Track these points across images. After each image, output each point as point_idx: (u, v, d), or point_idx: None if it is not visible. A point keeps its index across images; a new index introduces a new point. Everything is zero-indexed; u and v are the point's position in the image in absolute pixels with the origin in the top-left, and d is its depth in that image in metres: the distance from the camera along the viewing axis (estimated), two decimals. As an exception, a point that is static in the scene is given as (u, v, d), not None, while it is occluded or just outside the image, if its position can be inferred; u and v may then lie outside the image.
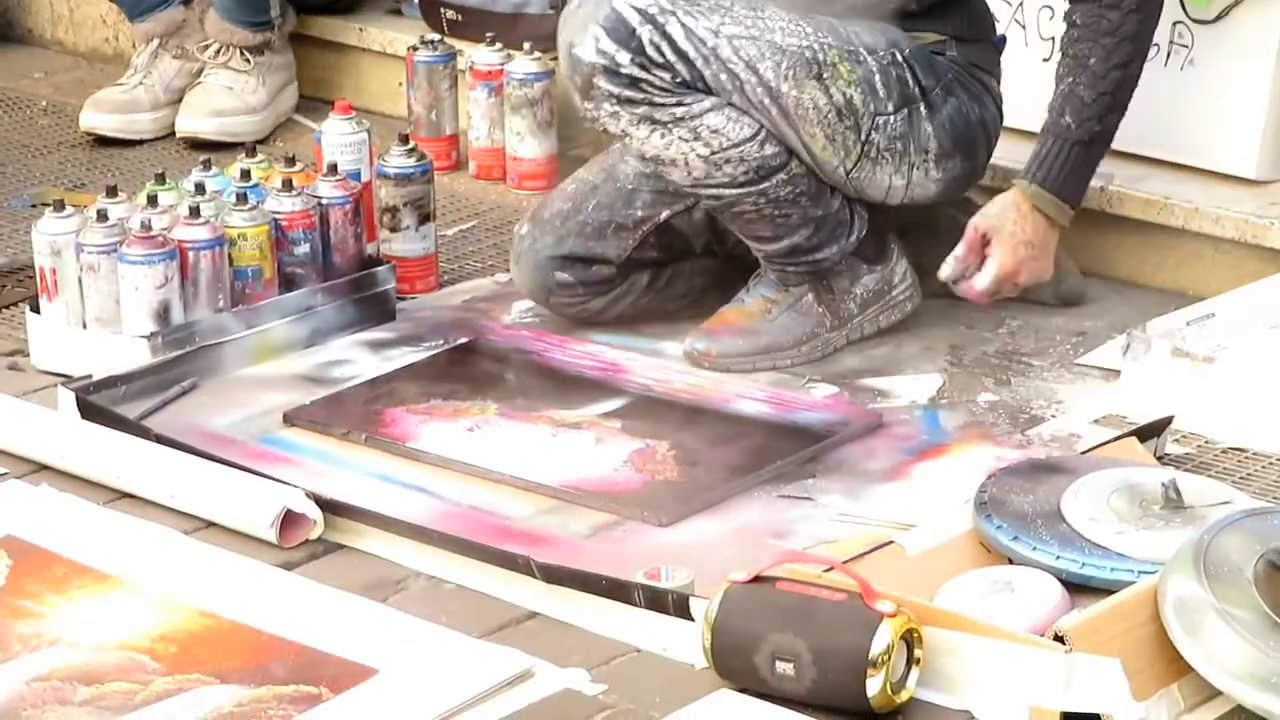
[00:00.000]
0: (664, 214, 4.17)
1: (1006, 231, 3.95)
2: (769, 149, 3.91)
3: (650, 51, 3.81)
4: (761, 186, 3.91)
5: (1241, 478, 3.67)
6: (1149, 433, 3.74)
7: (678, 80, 3.82)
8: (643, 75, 3.81)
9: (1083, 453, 3.68)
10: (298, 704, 3.16)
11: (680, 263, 4.23)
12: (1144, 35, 3.92)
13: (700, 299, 4.24)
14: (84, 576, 3.49)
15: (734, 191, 3.91)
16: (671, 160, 3.88)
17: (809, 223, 3.98)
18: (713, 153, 3.86)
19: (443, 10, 5.21)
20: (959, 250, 3.97)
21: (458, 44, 5.06)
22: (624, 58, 3.80)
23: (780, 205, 3.94)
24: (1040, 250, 3.96)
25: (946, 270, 3.98)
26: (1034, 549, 3.33)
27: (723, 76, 3.84)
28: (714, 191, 3.92)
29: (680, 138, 3.84)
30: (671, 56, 3.82)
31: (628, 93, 3.82)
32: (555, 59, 4.90)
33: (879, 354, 4.12)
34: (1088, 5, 3.88)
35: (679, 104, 3.84)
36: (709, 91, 3.85)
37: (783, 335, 4.06)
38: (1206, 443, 3.79)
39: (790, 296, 4.07)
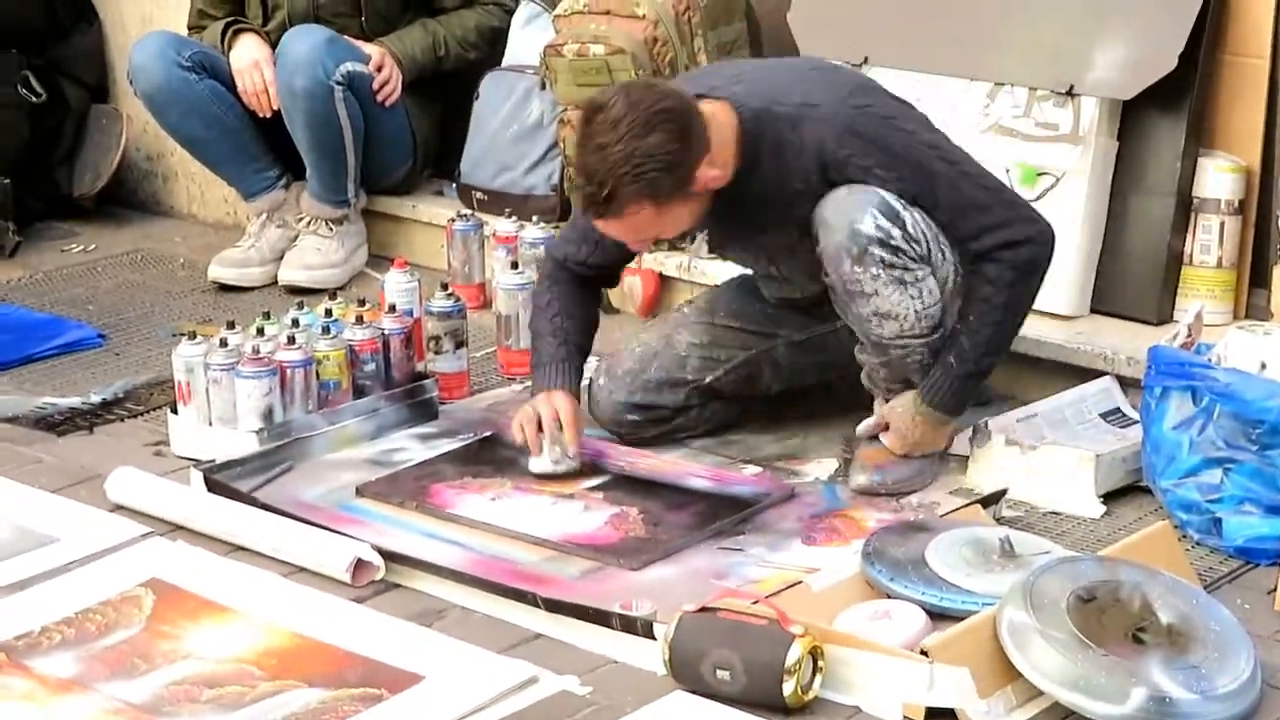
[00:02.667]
0: (708, 378, 4.07)
1: (898, 430, 3.81)
2: (942, 311, 3.75)
3: (910, 229, 3.65)
4: (931, 339, 3.73)
5: (1057, 534, 3.66)
6: (989, 501, 3.74)
7: (920, 253, 3.67)
8: (904, 246, 3.64)
9: (941, 516, 3.68)
10: (365, 702, 3.15)
11: (711, 405, 4.12)
12: (1015, 306, 3.74)
13: (722, 431, 4.14)
14: (209, 608, 3.48)
15: (917, 341, 3.72)
16: (896, 315, 3.69)
17: (925, 369, 3.79)
18: (924, 308, 3.69)
19: (473, 192, 5.22)
20: (870, 421, 3.84)
21: (484, 217, 5.06)
22: (897, 234, 3.63)
23: (932, 354, 3.76)
24: (926, 442, 3.82)
25: (860, 430, 3.86)
26: (905, 587, 3.32)
27: (935, 253, 3.70)
28: (905, 341, 3.73)
29: (911, 295, 3.67)
30: (917, 235, 3.66)
31: (891, 258, 3.63)
32: (557, 226, 4.94)
33: (792, 443, 4.09)
34: (971, 277, 3.73)
35: (919, 269, 3.67)
36: (928, 263, 3.71)
37: (919, 462, 3.87)
38: (1031, 508, 3.78)
39: None
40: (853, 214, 3.63)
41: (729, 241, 3.98)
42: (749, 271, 4.14)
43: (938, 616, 3.25)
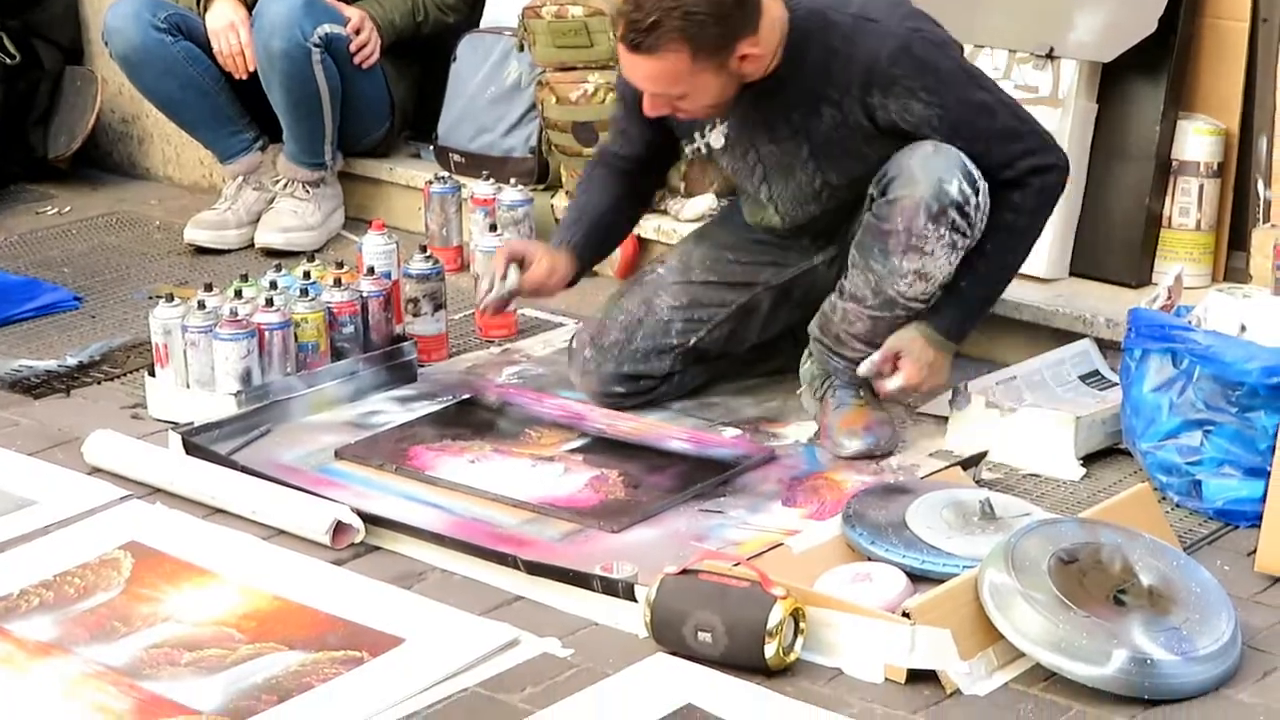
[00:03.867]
0: (693, 339, 4.04)
1: (912, 355, 3.78)
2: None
3: (981, 200, 3.66)
4: (925, 306, 3.75)
5: (1037, 496, 3.66)
6: (970, 463, 3.74)
7: (978, 224, 3.67)
8: (973, 216, 3.65)
9: (922, 478, 3.68)
10: (346, 665, 3.14)
11: (692, 369, 4.11)
12: (1032, 233, 3.76)
13: (702, 393, 4.13)
14: (188, 571, 3.47)
15: (917, 305, 3.73)
16: (929, 276, 3.69)
17: (893, 329, 3.79)
18: (945, 278, 3.70)
19: (450, 155, 5.20)
20: (876, 357, 3.79)
21: (462, 179, 5.04)
22: (973, 201, 3.64)
23: (910, 319, 3.76)
24: (936, 370, 3.80)
25: (864, 369, 3.82)
26: (886, 550, 3.32)
27: (980, 227, 3.70)
28: (913, 305, 3.73)
29: (950, 262, 3.67)
30: (984, 205, 3.67)
31: (962, 223, 3.64)
32: (535, 189, 4.93)
33: (773, 405, 4.08)
34: (995, 210, 3.71)
35: (970, 241, 3.68)
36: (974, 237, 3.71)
37: (893, 422, 3.89)
38: (1011, 470, 3.79)
39: (866, 395, 3.87)
40: (941, 173, 3.63)
41: (737, 143, 3.88)
42: (720, 205, 4.14)
43: (918, 579, 3.25)
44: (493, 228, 4.61)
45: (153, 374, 4.14)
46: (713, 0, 3.52)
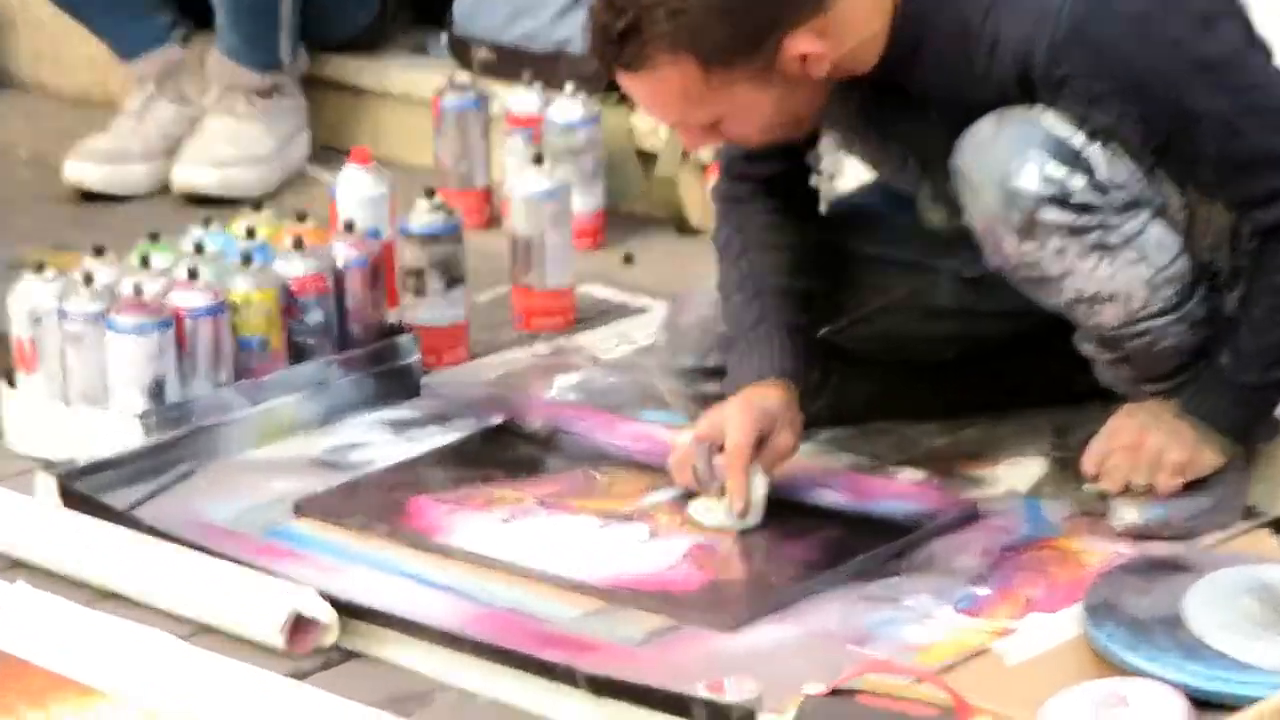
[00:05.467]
0: (824, 330, 4.00)
1: (1121, 434, 3.77)
2: (1189, 263, 3.68)
3: (1101, 174, 3.56)
4: (1187, 308, 3.67)
5: (1391, 576, 3.62)
6: (1284, 524, 3.72)
7: (1125, 200, 3.58)
8: (1093, 200, 3.57)
9: (1205, 547, 3.66)
10: (308, 837, 3.13)
11: (832, 380, 4.05)
12: None
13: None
14: (63, 689, 3.45)
15: (1161, 320, 3.66)
16: (1114, 294, 3.62)
17: (1195, 352, 3.73)
18: (1155, 272, 3.62)
19: (474, 49, 5.21)
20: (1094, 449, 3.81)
21: (491, 86, 5.04)
22: (1079, 182, 3.56)
23: (1198, 326, 3.69)
24: (1174, 453, 3.72)
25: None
26: (1152, 659, 3.29)
27: (1145, 192, 3.62)
28: (1143, 326, 3.66)
29: (1128, 260, 3.60)
30: (1115, 177, 3.58)
31: (1078, 220, 3.56)
32: (605, 100, 4.92)
33: (971, 434, 4.09)
34: (1257, 256, 3.65)
35: (1131, 220, 3.60)
36: (1141, 206, 3.63)
37: (1220, 488, 3.80)
38: (1351, 536, 3.76)
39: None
40: (1006, 165, 3.56)
41: (858, 143, 3.93)
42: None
43: (1202, 705, 3.21)
44: (538, 160, 4.60)
45: (12, 384, 4.16)
46: None
